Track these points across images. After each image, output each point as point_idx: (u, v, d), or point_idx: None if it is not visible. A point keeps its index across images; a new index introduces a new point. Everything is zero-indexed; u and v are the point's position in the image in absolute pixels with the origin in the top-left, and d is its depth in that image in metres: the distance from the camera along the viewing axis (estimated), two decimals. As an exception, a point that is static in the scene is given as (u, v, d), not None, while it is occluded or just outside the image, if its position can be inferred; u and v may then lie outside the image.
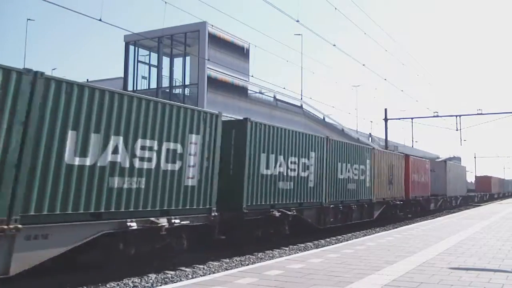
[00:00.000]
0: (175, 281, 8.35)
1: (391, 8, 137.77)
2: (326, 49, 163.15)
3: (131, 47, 32.32)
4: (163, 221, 8.63)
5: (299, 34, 41.02)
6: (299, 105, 39.54)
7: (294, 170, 13.15)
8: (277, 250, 12.39)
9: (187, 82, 31.81)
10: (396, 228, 16.05)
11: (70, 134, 7.24)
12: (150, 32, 29.70)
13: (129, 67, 32.52)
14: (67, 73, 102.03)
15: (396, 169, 21.23)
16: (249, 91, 33.55)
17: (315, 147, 14.26)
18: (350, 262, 7.38)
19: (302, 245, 13.48)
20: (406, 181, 22.79)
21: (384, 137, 35.05)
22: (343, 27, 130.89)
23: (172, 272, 9.06)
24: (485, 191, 54.27)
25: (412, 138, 37.07)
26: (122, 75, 33.07)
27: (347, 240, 13.88)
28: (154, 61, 33.08)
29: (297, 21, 18.46)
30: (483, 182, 59.69)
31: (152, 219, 8.50)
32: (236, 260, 10.64)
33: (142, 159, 8.44)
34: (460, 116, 33.21)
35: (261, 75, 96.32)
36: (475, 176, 73.21)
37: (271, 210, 12.04)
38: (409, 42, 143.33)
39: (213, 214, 9.91)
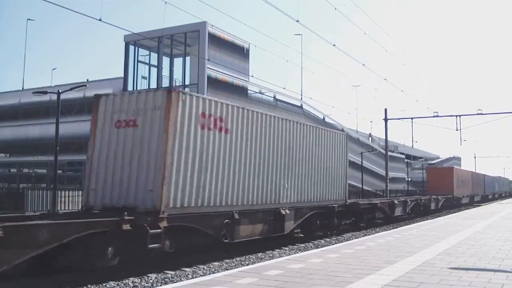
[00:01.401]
0: (175, 281, 8.34)
1: (391, 8, 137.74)
2: (326, 49, 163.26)
3: (131, 47, 32.32)
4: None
5: (299, 34, 40.98)
6: (299, 105, 39.54)
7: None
8: (277, 250, 12.39)
9: (187, 82, 31.79)
10: (396, 228, 16.04)
11: None
12: (150, 32, 29.68)
13: (129, 67, 32.52)
14: (67, 73, 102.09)
15: None
16: (249, 91, 33.54)
17: None
18: (350, 262, 7.38)
19: (302, 245, 13.49)
20: None
21: (384, 137, 35.03)
22: (343, 27, 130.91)
23: (172, 272, 9.06)
24: (441, 193, 32.84)
25: (412, 138, 36.91)
26: (122, 75, 33.08)
27: (347, 240, 13.87)
28: (154, 61, 33.07)
29: (297, 21, 18.45)
30: (438, 177, 36.35)
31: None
32: (236, 260, 10.64)
33: None
34: (460, 116, 33.18)
35: (261, 75, 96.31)
36: (427, 168, 47.60)
37: None
38: (409, 42, 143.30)
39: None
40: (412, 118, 34.68)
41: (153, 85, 32.59)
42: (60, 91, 17.12)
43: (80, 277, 7.96)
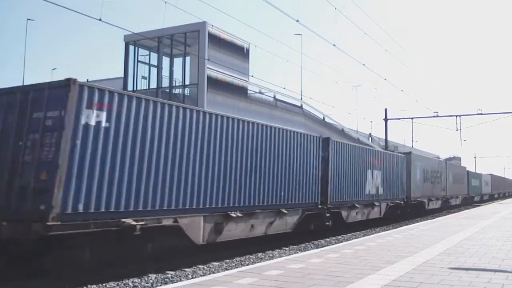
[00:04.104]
0: (175, 281, 8.34)
1: (391, 8, 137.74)
2: (326, 49, 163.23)
3: (131, 47, 32.33)
4: None
5: (299, 34, 40.97)
6: (299, 105, 39.55)
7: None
8: (277, 250, 12.39)
9: (187, 82, 31.82)
10: (396, 228, 16.05)
11: None
12: (150, 32, 29.69)
13: (129, 67, 32.52)
14: (67, 73, 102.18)
15: None
16: (249, 91, 33.55)
17: None
18: (350, 262, 7.38)
19: (302, 245, 13.49)
20: None
21: (384, 137, 35.05)
22: (343, 27, 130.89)
23: (172, 272, 9.06)
24: None
25: (412, 138, 37.07)
26: (122, 75, 33.10)
27: (347, 240, 13.87)
28: (154, 61, 33.08)
29: (297, 21, 18.45)
30: None
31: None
32: (236, 260, 10.64)
33: None
34: (460, 116, 33.23)
35: (261, 75, 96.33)
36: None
37: None
38: (409, 42, 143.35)
39: None
40: (412, 118, 34.74)
41: (153, 85, 32.62)
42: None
43: (80, 277, 7.96)
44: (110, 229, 7.97)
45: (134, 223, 8.14)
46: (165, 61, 32.97)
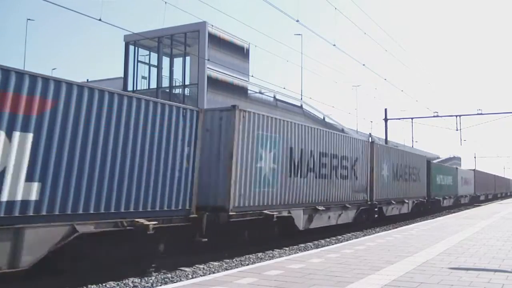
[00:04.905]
0: (175, 281, 8.34)
1: (391, 8, 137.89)
2: (326, 49, 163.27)
3: (131, 47, 32.35)
4: None
5: (299, 34, 41.00)
6: (299, 105, 39.56)
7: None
8: (277, 250, 12.38)
9: (187, 82, 31.84)
10: (396, 228, 16.04)
11: None
12: (150, 32, 29.72)
13: (129, 67, 32.55)
14: (67, 73, 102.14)
15: None
16: (249, 91, 33.58)
17: None
18: (350, 262, 7.38)
19: (302, 245, 13.48)
20: None
21: (384, 137, 35.05)
22: (343, 27, 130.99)
23: (172, 272, 9.06)
24: None
25: (412, 138, 37.10)
26: (122, 75, 33.11)
27: (347, 240, 13.87)
28: (154, 61, 33.10)
29: (297, 21, 18.48)
30: None
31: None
32: (236, 260, 10.64)
33: None
34: (460, 116, 33.27)
35: (261, 75, 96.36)
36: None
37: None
38: (409, 42, 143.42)
39: None
40: (412, 118, 34.78)
41: (153, 85, 32.64)
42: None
43: (80, 277, 7.96)
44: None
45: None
46: (165, 61, 33.00)
